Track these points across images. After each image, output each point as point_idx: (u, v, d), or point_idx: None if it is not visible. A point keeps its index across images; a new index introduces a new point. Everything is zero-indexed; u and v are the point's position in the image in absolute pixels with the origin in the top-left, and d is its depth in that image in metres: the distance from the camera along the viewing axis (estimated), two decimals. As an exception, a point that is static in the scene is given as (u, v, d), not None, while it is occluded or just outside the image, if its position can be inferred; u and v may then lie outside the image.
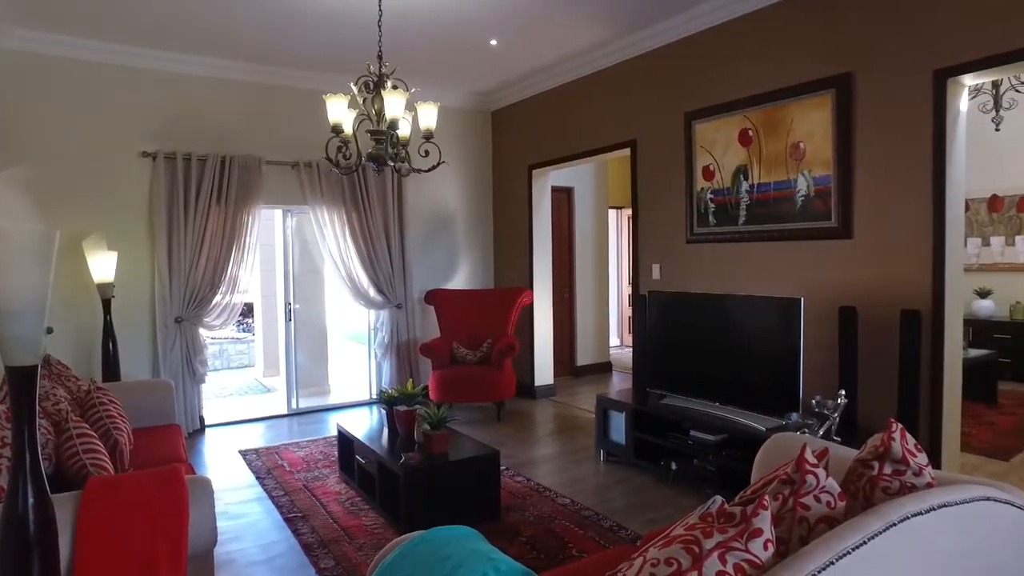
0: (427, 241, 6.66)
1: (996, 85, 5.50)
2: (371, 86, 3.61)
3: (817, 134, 3.89)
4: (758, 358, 3.75)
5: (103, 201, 5.10)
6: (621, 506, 3.70)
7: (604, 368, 7.83)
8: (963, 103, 3.50)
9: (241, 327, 9.57)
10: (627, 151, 5.29)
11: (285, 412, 6.07)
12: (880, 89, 3.63)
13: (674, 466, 3.90)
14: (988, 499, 1.65)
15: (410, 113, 3.78)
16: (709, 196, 4.56)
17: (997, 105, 5.46)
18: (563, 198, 7.45)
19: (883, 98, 3.62)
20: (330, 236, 5.94)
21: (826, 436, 3.22)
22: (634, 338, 4.96)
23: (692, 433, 3.84)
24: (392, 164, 3.66)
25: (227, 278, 5.45)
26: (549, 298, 6.66)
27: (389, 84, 3.54)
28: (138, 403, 3.66)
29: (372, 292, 6.15)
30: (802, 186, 3.97)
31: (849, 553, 1.30)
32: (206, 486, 2.20)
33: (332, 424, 5.49)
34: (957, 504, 1.57)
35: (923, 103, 3.45)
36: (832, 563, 1.27)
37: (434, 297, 6.37)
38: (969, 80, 3.43)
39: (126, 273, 5.10)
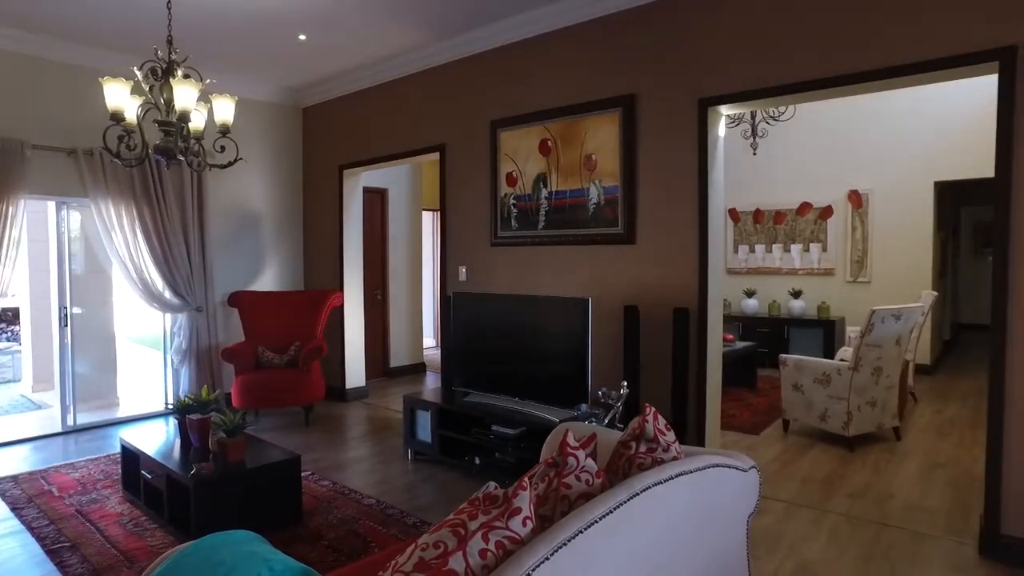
0: (232, 240, 6.29)
1: (753, 116, 6.39)
2: (159, 73, 3.35)
3: (607, 147, 4.27)
4: (552, 354, 4.03)
5: None
6: (427, 503, 3.79)
7: (418, 369, 7.90)
8: (721, 129, 4.05)
9: (4, 336, 8.32)
10: (437, 155, 5.41)
11: (59, 430, 5.40)
12: (658, 111, 4.08)
13: (477, 460, 4.07)
14: (717, 466, 1.95)
15: (205, 106, 3.58)
16: (512, 201, 4.81)
17: (754, 133, 6.33)
18: (377, 199, 7.41)
19: (660, 119, 4.07)
20: (117, 233, 5.39)
21: (611, 424, 3.54)
22: (441, 338, 5.08)
23: (494, 428, 4.03)
24: (183, 158, 3.42)
25: (-19, 278, 4.74)
26: (361, 299, 6.59)
27: (180, 72, 3.32)
28: None
29: (168, 294, 5.68)
30: (594, 195, 4.34)
31: (597, 521, 1.47)
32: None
33: (118, 440, 4.98)
34: (692, 472, 1.84)
35: (691, 126, 3.93)
36: (582, 531, 1.42)
37: (238, 299, 6.03)
38: (725, 110, 3.97)
39: None
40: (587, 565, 1.42)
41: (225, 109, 3.50)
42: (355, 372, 6.53)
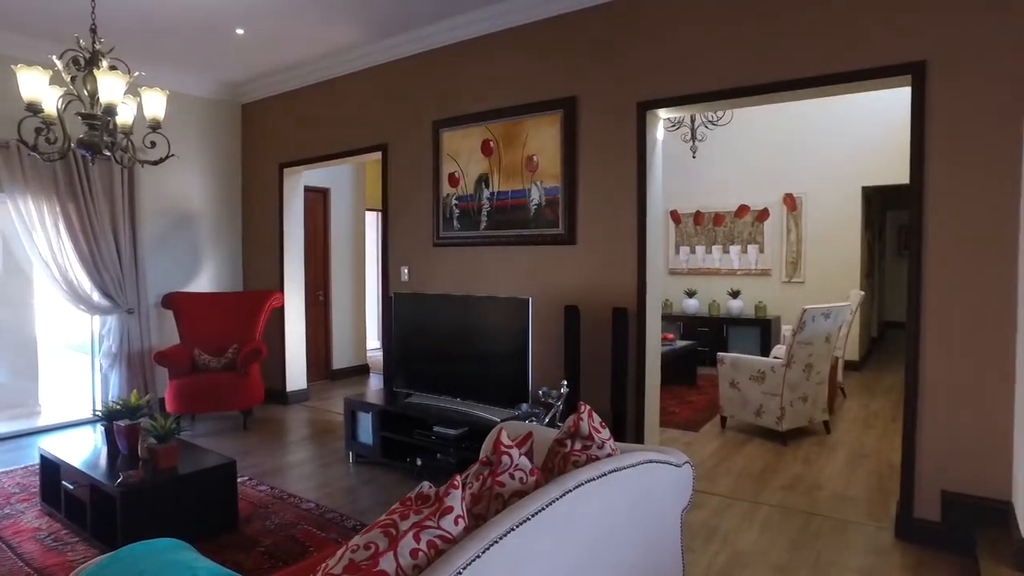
0: (166, 240, 6.07)
1: (692, 120, 6.55)
2: (82, 63, 3.21)
3: (548, 149, 4.31)
4: (494, 354, 4.04)
5: None
6: (367, 506, 3.74)
7: (362, 371, 7.80)
8: (660, 132, 4.14)
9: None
10: (379, 155, 5.35)
11: (-28, 441, 5.11)
12: (598, 113, 4.14)
13: (419, 462, 4.05)
14: (651, 462, 1.99)
15: (134, 99, 3.44)
16: (454, 202, 4.81)
17: (694, 136, 6.49)
18: (319, 198, 7.28)
19: (600, 121, 4.14)
20: (39, 232, 5.13)
21: (551, 423, 3.58)
22: (383, 339, 5.04)
23: (436, 429, 4.01)
24: (110, 154, 3.29)
25: None
26: (302, 300, 6.47)
27: (105, 63, 3.18)
28: None
29: (96, 296, 5.44)
30: (535, 196, 4.38)
31: (529, 519, 1.48)
32: None
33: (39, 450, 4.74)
34: (625, 468, 1.87)
35: (630, 129, 4.00)
36: (513, 529, 1.43)
37: (174, 301, 5.83)
38: (663, 113, 4.07)
39: None
40: (519, 562, 1.43)
41: (155, 103, 3.38)
42: (296, 374, 6.40)
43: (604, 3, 4.06)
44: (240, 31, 4.90)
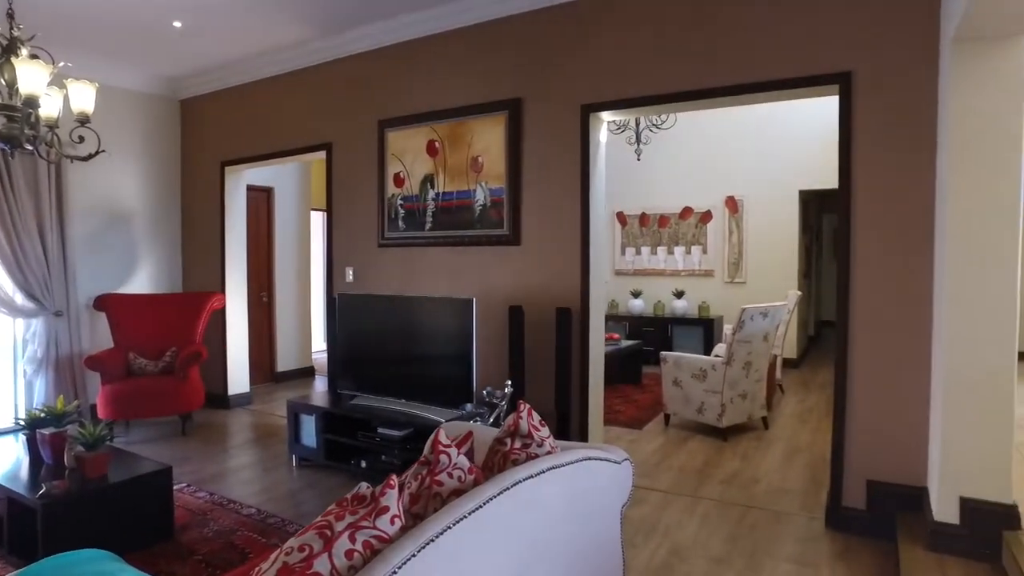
0: (99, 239, 5.83)
1: (637, 123, 6.67)
2: (-2, 51, 3.05)
3: (493, 150, 4.33)
4: (438, 355, 4.03)
5: None
6: (310, 509, 3.68)
7: (307, 373, 7.66)
8: (603, 134, 4.20)
9: None
10: (323, 154, 5.27)
11: None
12: (543, 115, 4.18)
13: (364, 464, 4.00)
14: (589, 458, 2.02)
15: (60, 91, 3.30)
16: (399, 202, 4.77)
17: (638, 139, 6.61)
18: (262, 197, 7.12)
19: (545, 123, 4.17)
20: (-44, 230, 4.87)
21: (496, 422, 3.59)
22: (328, 340, 4.97)
23: (380, 430, 3.98)
24: (32, 148, 3.14)
25: None
26: (245, 302, 6.31)
27: (24, 51, 3.04)
28: None
29: (20, 298, 5.19)
30: (480, 196, 4.38)
31: (466, 517, 1.49)
32: None
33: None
34: (564, 465, 1.90)
35: (574, 131, 4.05)
36: (450, 527, 1.43)
37: (106, 303, 5.60)
38: (607, 116, 4.13)
39: None
40: (455, 560, 1.43)
41: (83, 96, 3.23)
42: (238, 378, 6.24)
43: (549, 6, 4.11)
44: (177, 24, 4.76)
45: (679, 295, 8.44)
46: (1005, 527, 2.57)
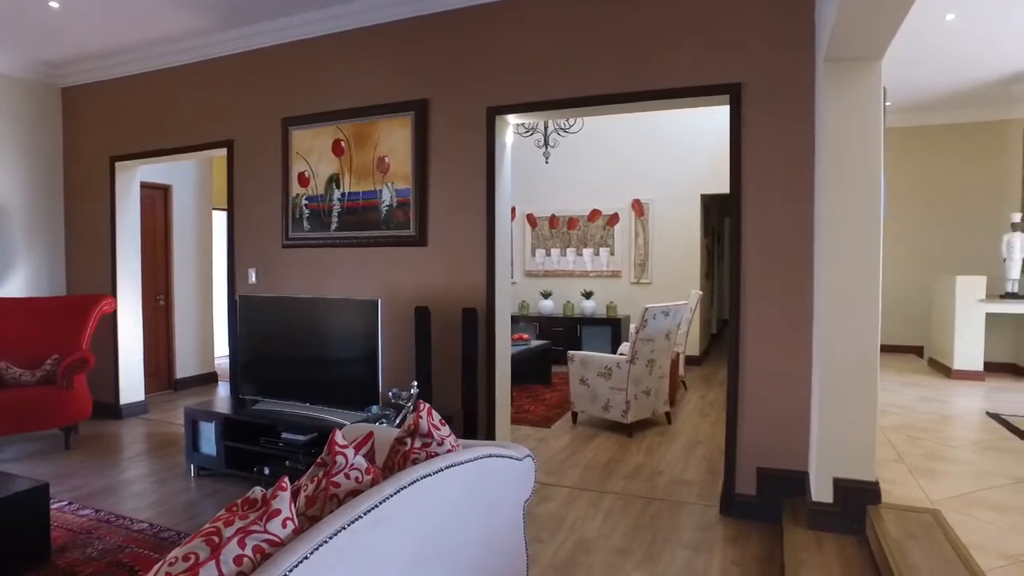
0: (-33, 238, 5.37)
1: (545, 127, 6.79)
2: None
3: (400, 150, 4.30)
4: (344, 357, 3.97)
5: None
6: (208, 520, 3.53)
7: (210, 379, 7.33)
8: (509, 137, 4.26)
9: None
10: (224, 151, 5.07)
11: None
12: (450, 117, 4.19)
13: (267, 471, 3.88)
14: (491, 456, 2.05)
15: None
16: (304, 202, 4.66)
17: (547, 143, 6.74)
18: (159, 196, 6.76)
19: (452, 125, 4.19)
20: None
21: (402, 424, 3.57)
22: (230, 344, 4.78)
23: (284, 435, 3.87)
24: None
25: None
26: (139, 305, 5.97)
27: None
28: None
29: None
30: (387, 197, 4.35)
31: (362, 517, 1.48)
32: None
33: None
34: (463, 463, 1.92)
35: (480, 133, 4.09)
36: (345, 528, 1.42)
37: (-24, 307, 5.16)
38: (513, 119, 4.20)
39: None
40: (351, 561, 1.43)
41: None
42: (132, 386, 5.89)
43: (457, 9, 4.13)
44: (54, 4, 4.44)
45: (588, 295, 8.65)
46: (869, 502, 2.81)
